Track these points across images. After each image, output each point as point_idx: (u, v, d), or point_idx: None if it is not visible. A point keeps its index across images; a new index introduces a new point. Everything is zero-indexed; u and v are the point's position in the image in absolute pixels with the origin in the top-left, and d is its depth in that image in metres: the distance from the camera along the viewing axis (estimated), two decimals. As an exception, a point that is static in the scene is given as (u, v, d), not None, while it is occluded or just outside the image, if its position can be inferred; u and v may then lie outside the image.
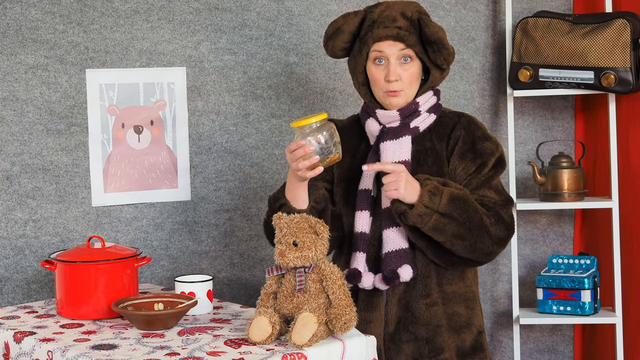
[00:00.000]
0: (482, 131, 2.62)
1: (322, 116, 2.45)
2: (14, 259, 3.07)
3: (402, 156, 2.56)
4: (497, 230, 2.52)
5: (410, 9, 2.57)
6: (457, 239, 2.47)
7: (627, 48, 3.36)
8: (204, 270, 3.32)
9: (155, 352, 2.22)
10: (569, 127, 3.76)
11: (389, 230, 2.54)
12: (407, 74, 2.56)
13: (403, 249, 2.53)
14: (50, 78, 3.10)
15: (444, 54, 2.54)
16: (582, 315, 3.45)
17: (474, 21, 3.67)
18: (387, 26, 2.55)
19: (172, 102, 3.26)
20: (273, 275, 2.36)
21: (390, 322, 2.57)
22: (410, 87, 2.57)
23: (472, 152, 2.58)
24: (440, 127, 2.63)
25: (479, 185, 2.56)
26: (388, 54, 2.55)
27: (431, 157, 2.59)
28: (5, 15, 3.04)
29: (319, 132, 2.43)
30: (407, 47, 2.54)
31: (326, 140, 2.44)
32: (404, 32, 2.54)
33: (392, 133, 2.58)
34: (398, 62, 2.55)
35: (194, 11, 3.28)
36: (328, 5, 3.44)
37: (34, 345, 2.36)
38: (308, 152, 2.41)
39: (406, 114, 2.59)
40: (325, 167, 2.47)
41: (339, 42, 2.62)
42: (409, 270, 2.52)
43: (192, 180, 3.30)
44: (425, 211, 2.44)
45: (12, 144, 3.07)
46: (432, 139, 2.61)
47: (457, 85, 3.65)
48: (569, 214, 3.77)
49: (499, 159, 2.60)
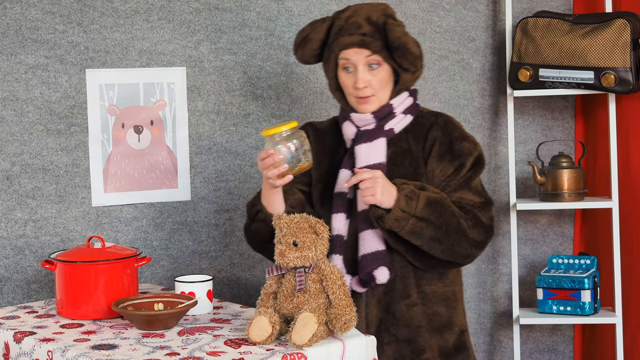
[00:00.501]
0: (459, 131, 2.61)
1: (292, 125, 2.46)
2: (14, 259, 3.07)
3: (376, 158, 2.57)
4: (475, 233, 2.52)
5: (376, 13, 2.56)
6: (434, 243, 2.48)
7: (627, 48, 3.36)
8: (204, 270, 3.32)
9: (155, 352, 2.22)
10: (569, 127, 3.76)
11: (365, 232, 2.54)
12: (376, 80, 2.56)
13: (379, 251, 2.53)
14: (50, 78, 3.10)
15: (409, 58, 2.53)
16: (582, 315, 3.45)
17: (474, 21, 3.67)
18: (351, 33, 2.54)
19: (172, 102, 3.26)
20: (273, 275, 2.36)
21: (371, 324, 2.57)
22: (381, 92, 2.57)
23: (450, 153, 2.57)
24: (416, 128, 2.62)
25: (457, 187, 2.56)
26: (355, 61, 2.55)
27: (407, 158, 2.59)
28: (5, 15, 3.04)
29: (288, 140, 2.45)
30: (373, 54, 2.53)
31: (296, 149, 2.46)
32: (369, 39, 2.52)
33: (367, 136, 2.59)
34: (366, 69, 2.55)
35: (194, 11, 3.28)
36: (328, 5, 3.44)
37: (34, 345, 2.36)
38: (277, 161, 2.44)
39: (380, 116, 2.59)
40: (295, 174, 2.50)
41: (307, 51, 2.63)
42: (385, 272, 2.52)
43: (192, 180, 3.30)
44: (402, 215, 2.44)
45: (12, 144, 3.07)
46: (409, 141, 2.61)
47: (457, 85, 3.65)
48: (569, 214, 3.77)
49: (477, 158, 2.59)
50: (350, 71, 2.57)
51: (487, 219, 2.55)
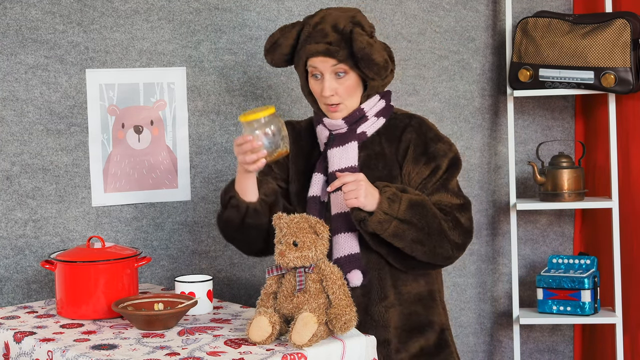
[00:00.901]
0: (433, 132, 2.61)
1: (269, 110, 2.45)
2: (14, 259, 3.07)
3: (348, 162, 2.57)
4: (455, 235, 2.52)
5: (343, 20, 2.54)
6: (416, 245, 2.47)
7: (627, 48, 3.36)
8: (204, 270, 3.32)
9: (155, 352, 2.22)
10: (569, 127, 3.76)
11: (339, 235, 2.55)
12: (343, 88, 2.55)
13: (353, 254, 2.54)
14: (50, 78, 3.10)
15: (374, 69, 2.50)
16: (582, 315, 3.45)
17: (474, 21, 3.67)
18: (317, 42, 2.53)
19: (172, 102, 3.26)
20: (273, 275, 2.36)
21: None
22: (349, 99, 2.57)
23: (425, 155, 2.57)
24: (389, 130, 2.62)
25: (435, 189, 2.55)
26: (322, 69, 2.54)
27: (381, 161, 2.59)
28: (5, 15, 3.04)
29: (266, 126, 2.44)
30: (339, 63, 2.52)
31: (274, 134, 2.45)
32: (334, 48, 2.51)
33: (339, 139, 2.59)
34: (333, 77, 2.54)
35: (194, 11, 3.28)
36: (328, 5, 3.44)
37: (34, 345, 2.36)
38: (255, 147, 2.42)
39: (352, 121, 2.59)
40: (273, 161, 2.49)
41: (278, 55, 2.62)
42: (358, 275, 2.53)
43: (192, 180, 3.30)
44: (384, 218, 2.43)
45: (12, 144, 3.07)
46: (382, 143, 2.61)
47: (457, 85, 3.65)
48: (569, 214, 3.77)
49: (453, 159, 2.58)
50: (318, 78, 2.57)
51: (466, 220, 2.55)
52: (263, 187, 2.59)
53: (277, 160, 2.52)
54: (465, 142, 3.65)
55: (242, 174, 2.53)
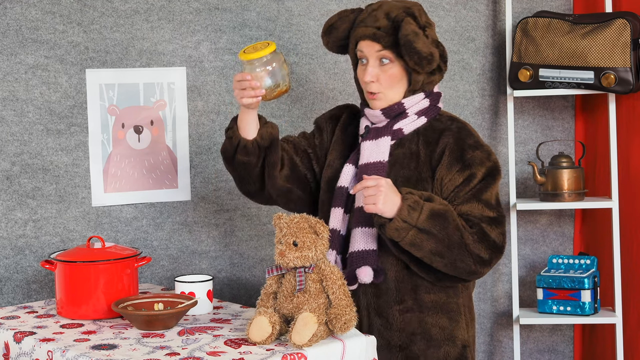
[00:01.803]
0: (473, 139, 2.53)
1: (270, 48, 2.42)
2: (14, 259, 3.07)
3: (378, 157, 2.53)
4: (480, 248, 2.43)
5: (397, 10, 2.51)
6: (435, 256, 2.41)
7: (627, 48, 3.36)
8: (204, 270, 3.32)
9: (155, 352, 2.22)
10: (569, 127, 3.76)
11: (357, 230, 2.50)
12: (386, 76, 2.52)
13: (367, 250, 2.48)
14: (50, 78, 3.10)
15: (414, 57, 2.45)
16: (582, 315, 3.45)
17: (474, 21, 3.67)
18: (367, 25, 2.52)
19: (172, 102, 3.26)
20: (273, 275, 2.36)
21: (363, 326, 2.54)
22: (390, 90, 2.53)
23: (460, 162, 2.49)
24: (428, 131, 2.57)
25: (466, 199, 2.47)
26: (367, 54, 2.53)
27: (414, 161, 2.54)
28: (5, 15, 3.04)
29: (267, 64, 2.42)
30: (384, 49, 2.50)
31: (274, 73, 2.43)
32: (382, 33, 2.49)
33: (374, 133, 2.56)
34: (377, 63, 2.52)
35: (194, 11, 3.28)
36: (328, 5, 3.44)
37: (34, 345, 2.36)
38: (255, 87, 2.42)
39: (391, 114, 2.55)
40: (274, 98, 2.48)
41: (333, 39, 2.61)
42: (368, 272, 2.46)
43: (192, 180, 3.30)
44: (402, 225, 2.37)
45: (12, 144, 3.07)
46: (419, 144, 2.56)
47: (457, 85, 3.65)
48: (569, 214, 3.77)
49: (490, 169, 2.50)
50: (363, 64, 2.55)
51: (497, 234, 2.46)
52: (263, 129, 2.55)
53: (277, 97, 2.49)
54: (465, 142, 3.65)
55: (243, 109, 2.52)
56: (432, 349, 2.52)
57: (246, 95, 2.44)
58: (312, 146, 2.70)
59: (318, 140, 2.71)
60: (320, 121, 2.74)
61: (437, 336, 2.53)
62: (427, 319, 2.52)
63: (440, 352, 2.53)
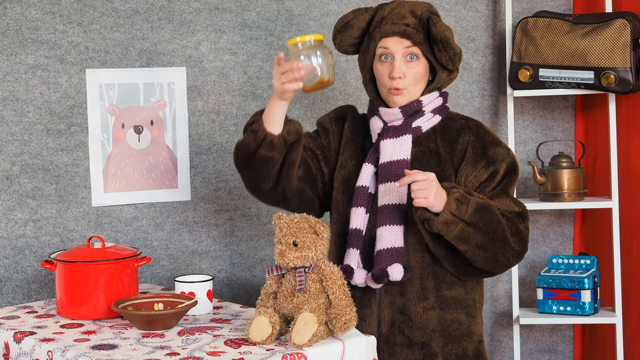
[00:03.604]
0: (491, 136, 2.58)
1: (318, 36, 2.42)
2: (14, 259, 3.07)
3: (401, 155, 2.54)
4: (516, 243, 2.48)
5: (420, 8, 2.56)
6: (479, 250, 2.43)
7: (627, 48, 3.36)
8: (204, 270, 3.32)
9: (155, 352, 2.22)
10: (569, 127, 3.76)
11: (384, 228, 2.50)
12: (412, 73, 2.54)
13: (396, 248, 2.49)
14: (50, 78, 3.10)
15: (450, 53, 2.51)
16: (582, 315, 3.45)
17: (474, 21, 3.67)
18: (395, 22, 2.53)
19: (172, 102, 3.26)
20: (273, 275, 2.36)
21: (384, 324, 2.54)
22: (414, 87, 2.55)
23: (484, 159, 2.54)
24: (446, 129, 2.60)
25: (495, 194, 2.52)
26: (394, 50, 2.53)
27: (434, 159, 2.56)
28: (5, 15, 3.04)
29: (312, 50, 2.41)
30: (414, 45, 2.53)
31: (319, 61, 2.42)
32: (411, 30, 2.52)
33: (393, 131, 2.57)
34: (403, 60, 2.54)
35: (194, 11, 3.28)
36: (328, 5, 3.44)
37: (34, 345, 2.36)
38: (297, 69, 2.39)
39: (409, 112, 2.57)
40: (314, 90, 2.45)
41: (347, 37, 2.61)
42: (399, 270, 2.47)
43: (192, 180, 3.30)
44: (451, 219, 2.38)
45: (12, 144, 3.07)
46: (437, 142, 2.58)
47: (457, 85, 3.65)
48: (569, 214, 3.77)
49: (511, 165, 2.55)
50: (386, 60, 2.55)
51: (524, 228, 2.50)
52: (288, 125, 2.55)
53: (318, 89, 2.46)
54: (465, 142, 3.65)
55: (276, 100, 2.49)
56: (451, 346, 2.55)
57: (286, 79, 2.41)
58: (320, 147, 2.70)
59: (326, 142, 2.71)
60: (324, 122, 2.73)
61: (455, 332, 2.55)
62: (447, 315, 2.54)
63: (459, 348, 2.55)
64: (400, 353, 2.52)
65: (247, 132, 2.55)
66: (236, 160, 2.61)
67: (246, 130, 2.56)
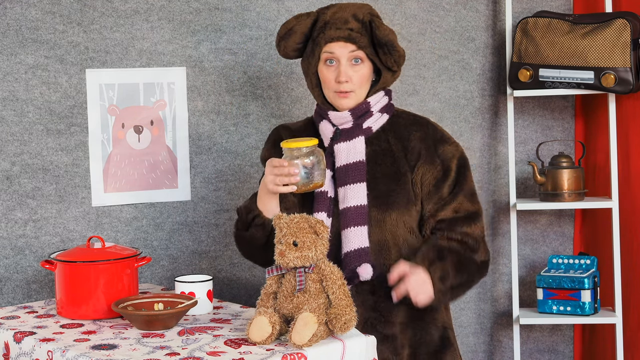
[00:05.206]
0: (440, 133, 2.65)
1: (313, 142, 2.48)
2: (14, 259, 3.07)
3: (356, 157, 2.58)
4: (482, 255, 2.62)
5: (362, 12, 2.59)
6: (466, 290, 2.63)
7: (627, 48, 3.36)
8: (204, 270, 3.32)
9: (155, 352, 2.22)
10: (569, 127, 3.76)
11: (348, 230, 2.55)
12: (358, 76, 2.58)
13: (362, 248, 2.54)
14: (50, 78, 3.10)
15: (394, 56, 2.56)
16: (582, 315, 3.45)
17: (474, 21, 3.67)
18: (338, 27, 2.57)
19: (172, 102, 3.26)
20: (273, 275, 2.36)
21: (357, 323, 2.55)
22: (360, 89, 2.59)
23: (437, 156, 2.61)
24: (396, 127, 2.65)
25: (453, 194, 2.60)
26: (339, 55, 2.57)
27: (389, 158, 2.61)
28: (5, 15, 3.04)
29: (306, 157, 2.47)
30: (358, 49, 2.56)
31: (312, 166, 2.47)
32: (356, 34, 2.56)
33: (345, 134, 2.60)
34: (349, 64, 2.57)
35: (194, 11, 3.28)
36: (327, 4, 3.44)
37: (34, 345, 2.36)
38: (292, 175, 2.45)
39: (358, 114, 2.60)
40: (305, 192, 2.51)
41: (290, 43, 2.64)
42: (368, 269, 2.53)
43: (192, 180, 3.30)
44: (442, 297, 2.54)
45: (12, 144, 3.07)
46: (389, 140, 2.63)
47: (457, 85, 3.65)
48: (569, 214, 3.77)
49: (461, 159, 2.63)
50: (332, 65, 2.59)
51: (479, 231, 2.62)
52: (284, 201, 2.60)
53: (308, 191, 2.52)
54: (465, 142, 3.65)
55: (267, 194, 2.54)
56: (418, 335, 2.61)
57: (280, 182, 2.46)
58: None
59: None
60: (266, 156, 2.74)
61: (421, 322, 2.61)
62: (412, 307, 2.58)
63: (426, 336, 2.61)
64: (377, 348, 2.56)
65: (252, 227, 2.58)
66: (244, 252, 2.69)
67: (248, 224, 2.59)
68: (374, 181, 2.58)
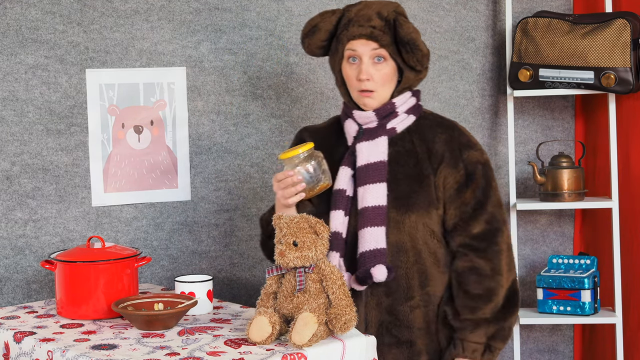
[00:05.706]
0: (467, 137, 2.60)
1: (308, 146, 2.48)
2: (14, 259, 3.07)
3: (377, 157, 2.55)
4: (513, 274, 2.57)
5: (387, 9, 2.56)
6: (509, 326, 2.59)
7: (627, 48, 3.36)
8: (204, 270, 3.32)
9: (155, 352, 2.22)
10: (569, 127, 3.76)
11: (365, 230, 2.51)
12: (380, 74, 2.54)
13: (378, 249, 2.49)
14: (50, 78, 3.10)
15: (417, 55, 2.52)
16: (582, 315, 3.45)
17: (474, 21, 3.67)
18: (361, 25, 2.54)
19: (172, 102, 3.26)
20: (273, 275, 2.37)
21: (371, 325, 2.54)
22: (383, 88, 2.56)
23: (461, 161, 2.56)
24: (421, 129, 2.61)
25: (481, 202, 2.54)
26: (361, 52, 2.54)
27: (412, 159, 2.57)
28: (5, 15, 3.04)
29: (307, 161, 2.48)
30: (380, 47, 2.53)
31: (314, 169, 2.48)
32: (378, 32, 2.52)
33: (368, 134, 2.58)
34: (371, 62, 2.54)
35: (194, 11, 3.28)
36: (328, 5, 3.44)
37: (34, 345, 2.36)
38: (297, 182, 2.46)
39: (383, 114, 2.58)
40: (314, 195, 2.51)
41: (315, 40, 2.62)
42: (382, 271, 2.48)
43: (192, 180, 3.30)
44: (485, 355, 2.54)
45: (12, 144, 3.07)
46: (413, 141, 2.59)
47: (457, 85, 3.65)
48: (569, 214, 3.78)
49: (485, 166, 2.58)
50: (354, 62, 2.56)
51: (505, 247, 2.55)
52: (301, 210, 2.59)
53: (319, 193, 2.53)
54: (465, 142, 3.65)
55: (282, 207, 2.54)
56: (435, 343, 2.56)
57: (288, 194, 2.48)
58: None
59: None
60: None
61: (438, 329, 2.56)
62: (430, 313, 2.55)
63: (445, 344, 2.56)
64: (389, 352, 2.54)
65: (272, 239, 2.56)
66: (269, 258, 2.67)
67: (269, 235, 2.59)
68: (395, 182, 2.54)
